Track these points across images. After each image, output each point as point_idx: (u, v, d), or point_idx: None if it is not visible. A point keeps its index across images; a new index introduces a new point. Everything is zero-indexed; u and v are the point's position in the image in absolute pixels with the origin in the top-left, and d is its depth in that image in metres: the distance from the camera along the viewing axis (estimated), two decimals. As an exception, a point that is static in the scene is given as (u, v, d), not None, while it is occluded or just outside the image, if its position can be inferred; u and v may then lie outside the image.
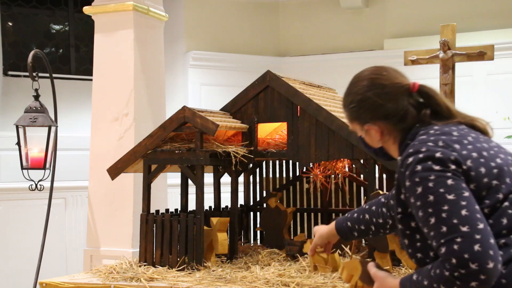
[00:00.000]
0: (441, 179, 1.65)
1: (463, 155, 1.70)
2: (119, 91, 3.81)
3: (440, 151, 1.69)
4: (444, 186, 1.64)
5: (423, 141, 1.74)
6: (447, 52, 5.13)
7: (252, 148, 3.13)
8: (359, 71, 1.98)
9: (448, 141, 1.73)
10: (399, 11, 7.42)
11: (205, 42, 7.44)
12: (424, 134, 1.80)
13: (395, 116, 1.88)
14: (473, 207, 1.62)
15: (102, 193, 3.81)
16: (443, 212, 1.62)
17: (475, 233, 1.56)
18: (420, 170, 1.67)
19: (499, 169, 1.73)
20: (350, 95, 1.95)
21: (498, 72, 6.80)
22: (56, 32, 7.35)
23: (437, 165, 1.66)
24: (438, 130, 1.79)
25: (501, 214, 1.67)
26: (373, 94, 1.89)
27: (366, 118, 1.92)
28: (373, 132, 1.93)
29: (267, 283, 2.57)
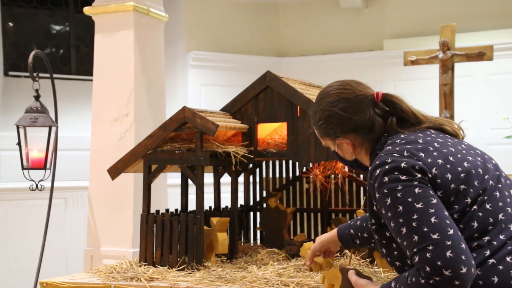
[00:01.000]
0: (409, 189, 1.67)
1: (428, 163, 1.71)
2: (119, 91, 3.82)
3: (405, 161, 1.71)
4: (412, 195, 1.65)
5: (388, 152, 1.76)
6: (447, 53, 5.14)
7: (252, 148, 3.14)
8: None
9: (413, 150, 1.74)
10: (398, 11, 7.43)
11: (205, 43, 7.45)
12: (390, 144, 1.82)
13: (363, 127, 1.91)
14: (442, 214, 1.63)
15: (102, 193, 3.82)
16: (413, 221, 1.63)
17: (446, 240, 1.57)
18: (387, 181, 1.69)
19: (466, 173, 1.74)
20: (317, 112, 1.99)
21: (498, 73, 6.81)
22: (56, 32, 7.36)
23: (403, 175, 1.68)
24: (404, 139, 1.81)
25: (471, 218, 1.69)
26: (339, 109, 1.93)
27: (336, 133, 1.96)
28: (345, 146, 1.97)
29: (267, 283, 2.58)
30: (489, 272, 1.64)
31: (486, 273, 1.64)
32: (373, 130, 1.91)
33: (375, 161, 1.77)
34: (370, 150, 1.93)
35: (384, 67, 7.27)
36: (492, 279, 1.63)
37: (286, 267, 2.83)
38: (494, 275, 1.63)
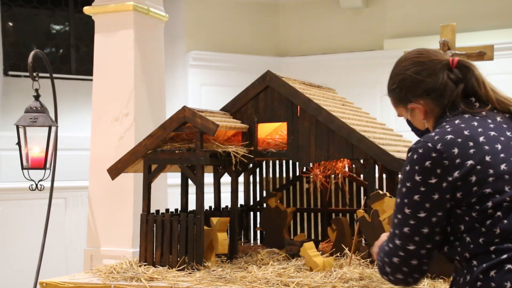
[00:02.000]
0: (412, 191, 1.76)
1: (453, 165, 1.73)
2: (119, 91, 3.81)
3: (431, 159, 1.74)
4: (409, 198, 1.77)
5: (427, 139, 1.78)
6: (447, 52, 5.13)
7: (252, 148, 3.14)
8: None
9: (448, 144, 1.75)
10: (399, 11, 7.43)
11: (205, 42, 7.45)
12: (439, 128, 1.84)
13: (435, 91, 1.91)
14: (418, 230, 1.76)
15: (102, 193, 3.81)
16: (396, 218, 1.81)
17: (401, 250, 1.78)
18: (407, 171, 1.78)
19: (498, 177, 1.72)
20: (392, 78, 2.00)
21: (498, 72, 6.80)
22: (56, 32, 7.36)
23: (420, 174, 1.75)
24: (453, 126, 1.81)
25: (494, 224, 1.69)
26: (412, 72, 1.93)
27: (409, 97, 1.95)
28: (416, 112, 1.96)
29: (267, 283, 2.58)
30: (504, 277, 1.63)
31: (500, 278, 1.64)
32: (444, 95, 1.90)
33: (415, 143, 1.82)
34: (434, 123, 1.93)
35: (384, 67, 7.22)
36: (505, 283, 1.63)
37: (286, 267, 2.83)
38: (508, 280, 1.62)
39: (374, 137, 2.93)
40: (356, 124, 3.02)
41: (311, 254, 2.81)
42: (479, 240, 1.70)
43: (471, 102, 1.89)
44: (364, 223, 2.77)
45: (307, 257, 2.82)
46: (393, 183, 3.06)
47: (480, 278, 1.67)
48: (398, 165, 2.80)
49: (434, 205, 1.74)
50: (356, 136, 2.89)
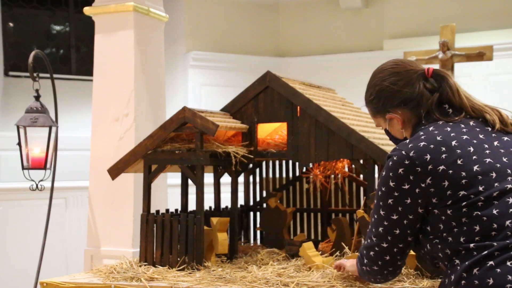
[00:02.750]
0: (386, 195, 1.88)
1: (425, 172, 1.80)
2: (120, 92, 3.82)
3: (405, 165, 1.82)
4: (384, 201, 1.89)
5: (401, 147, 1.86)
6: (447, 53, 5.14)
7: (252, 148, 3.14)
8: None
9: (421, 151, 1.82)
10: (398, 11, 7.44)
11: (205, 43, 7.45)
12: (414, 136, 1.90)
13: (412, 100, 1.95)
14: (391, 230, 1.89)
15: (102, 193, 3.82)
16: (373, 217, 1.95)
17: (376, 246, 1.95)
18: (383, 175, 1.90)
19: (471, 178, 1.77)
20: (369, 89, 2.06)
21: (497, 73, 6.82)
22: (56, 32, 7.36)
23: (394, 180, 1.85)
24: (426, 134, 1.87)
25: (473, 222, 1.74)
26: (389, 82, 1.98)
27: (386, 107, 2.00)
28: (395, 122, 2.02)
29: (267, 283, 2.58)
30: (486, 273, 1.66)
31: (483, 274, 1.67)
32: (421, 104, 1.95)
33: (392, 150, 1.90)
34: (412, 131, 1.99)
35: (384, 67, 7.27)
36: (487, 280, 1.65)
37: (286, 267, 2.83)
38: (491, 277, 1.65)
39: (374, 137, 2.93)
40: (356, 124, 3.02)
41: (311, 254, 2.82)
42: (460, 239, 1.74)
43: (445, 110, 1.94)
44: (363, 223, 2.77)
45: (306, 257, 2.83)
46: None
47: (463, 277, 1.70)
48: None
49: (406, 209, 1.84)
50: (356, 136, 2.89)
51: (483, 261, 1.68)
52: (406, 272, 2.65)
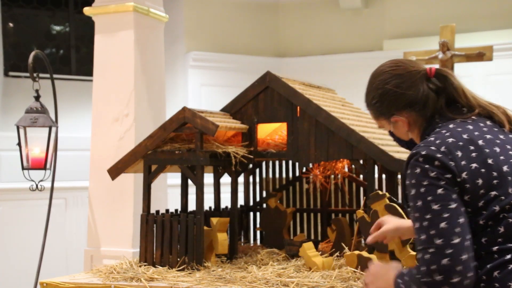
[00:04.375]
0: (432, 187, 1.69)
1: (460, 166, 1.71)
2: (120, 92, 3.82)
3: (438, 158, 1.71)
4: (433, 195, 1.69)
5: (427, 144, 1.76)
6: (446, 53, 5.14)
7: (252, 148, 3.14)
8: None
9: (451, 147, 1.73)
10: (398, 11, 7.44)
11: (205, 43, 7.45)
12: (437, 133, 1.81)
13: (417, 103, 1.90)
14: (455, 221, 1.66)
15: (102, 194, 3.82)
16: (425, 220, 1.68)
17: (447, 248, 1.63)
18: (417, 173, 1.72)
19: (502, 179, 1.72)
20: (370, 92, 1.98)
21: (497, 73, 6.82)
22: (56, 33, 7.37)
23: (433, 171, 1.70)
24: (450, 130, 1.79)
25: (498, 223, 1.69)
26: (392, 86, 1.92)
27: (391, 111, 1.94)
28: (400, 124, 1.95)
29: (267, 283, 2.58)
30: (507, 277, 1.64)
31: (504, 278, 1.64)
32: (427, 106, 1.90)
33: (414, 149, 1.79)
34: (421, 132, 1.92)
35: (384, 68, 7.27)
36: (509, 284, 1.63)
37: (286, 267, 2.84)
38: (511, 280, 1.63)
39: (373, 138, 2.94)
40: (355, 124, 3.02)
41: (311, 254, 2.82)
42: (482, 240, 1.70)
43: (458, 108, 1.90)
44: (363, 223, 2.77)
45: (306, 258, 2.83)
46: (392, 183, 3.07)
47: (483, 279, 1.67)
48: (398, 165, 2.81)
49: (457, 197, 1.70)
50: (355, 136, 2.90)
51: (504, 264, 1.65)
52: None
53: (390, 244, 2.69)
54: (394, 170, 2.89)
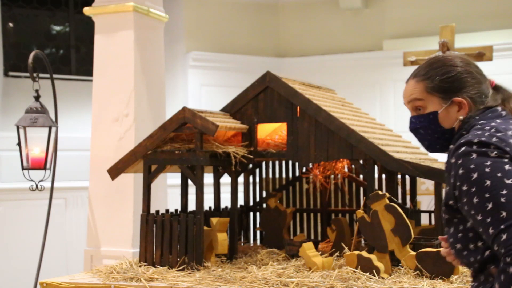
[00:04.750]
0: (498, 164, 1.61)
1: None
2: (120, 92, 3.82)
3: (493, 143, 1.65)
4: (502, 171, 1.60)
5: (477, 135, 1.69)
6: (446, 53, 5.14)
7: (252, 148, 3.15)
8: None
9: (503, 137, 1.68)
10: (398, 11, 7.44)
11: (205, 43, 7.45)
12: (480, 129, 1.74)
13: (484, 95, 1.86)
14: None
15: (102, 194, 3.82)
16: (502, 196, 1.57)
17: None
18: (475, 158, 1.64)
19: None
20: (443, 67, 1.88)
21: (497, 73, 6.79)
22: (56, 33, 7.36)
23: (494, 151, 1.63)
24: (495, 127, 1.73)
25: None
26: (475, 71, 1.89)
27: (461, 90, 1.86)
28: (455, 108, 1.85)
29: (267, 283, 2.58)
30: None
31: None
32: (484, 102, 1.86)
33: (461, 139, 1.71)
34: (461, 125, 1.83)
35: (384, 68, 7.28)
36: None
37: (286, 267, 2.84)
38: None
39: (373, 138, 2.94)
40: (355, 124, 3.02)
41: (310, 254, 2.82)
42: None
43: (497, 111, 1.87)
44: (363, 223, 2.78)
45: (306, 258, 2.83)
46: (392, 183, 3.07)
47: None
48: (397, 165, 2.81)
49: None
50: (355, 136, 2.90)
51: None
52: (406, 272, 2.66)
53: (390, 244, 2.69)
54: (394, 170, 2.89)
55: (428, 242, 2.73)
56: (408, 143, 3.35)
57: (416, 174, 2.82)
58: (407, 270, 2.65)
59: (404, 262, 2.68)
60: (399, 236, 2.66)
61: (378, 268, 2.62)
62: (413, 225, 2.89)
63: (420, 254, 2.62)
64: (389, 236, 2.68)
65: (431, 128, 1.89)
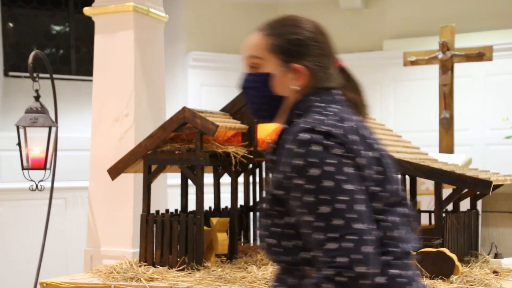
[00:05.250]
0: (344, 165, 1.45)
1: (359, 152, 1.50)
2: (119, 92, 3.82)
3: (342, 134, 1.48)
4: (346, 174, 1.44)
5: (320, 122, 1.50)
6: (446, 53, 5.14)
7: (252, 148, 3.15)
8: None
9: (348, 129, 1.51)
10: (398, 11, 7.44)
11: (205, 43, 7.45)
12: (320, 113, 1.55)
13: (327, 73, 1.64)
14: (368, 205, 1.47)
15: (102, 194, 3.82)
16: (342, 202, 1.42)
17: (369, 234, 1.42)
18: (320, 151, 1.45)
19: (384, 175, 1.56)
20: (294, 27, 1.66)
21: (497, 73, 6.82)
22: (56, 33, 7.36)
23: (341, 147, 1.46)
24: (338, 114, 1.55)
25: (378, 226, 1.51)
26: (325, 42, 1.69)
27: (303, 57, 1.62)
28: (289, 76, 1.62)
29: (267, 283, 2.58)
30: (395, 284, 1.49)
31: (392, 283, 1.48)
32: (330, 79, 1.64)
33: (301, 124, 1.51)
34: (297, 102, 1.61)
35: (384, 68, 7.28)
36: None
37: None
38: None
39: (373, 138, 2.93)
40: (355, 124, 3.02)
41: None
42: None
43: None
44: (363, 223, 2.77)
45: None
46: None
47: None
48: (398, 165, 2.80)
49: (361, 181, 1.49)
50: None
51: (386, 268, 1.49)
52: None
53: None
54: (394, 170, 2.88)
55: (428, 242, 2.73)
56: (408, 143, 3.35)
57: (416, 174, 2.82)
58: (407, 270, 2.65)
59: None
60: (399, 236, 2.65)
61: None
62: (413, 225, 2.89)
63: (420, 254, 2.62)
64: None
65: (262, 90, 1.64)
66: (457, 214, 2.94)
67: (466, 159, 4.24)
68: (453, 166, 3.07)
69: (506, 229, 3.66)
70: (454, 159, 3.99)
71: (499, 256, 3.04)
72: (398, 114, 7.16)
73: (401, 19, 7.41)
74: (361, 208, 1.43)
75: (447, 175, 2.73)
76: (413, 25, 7.30)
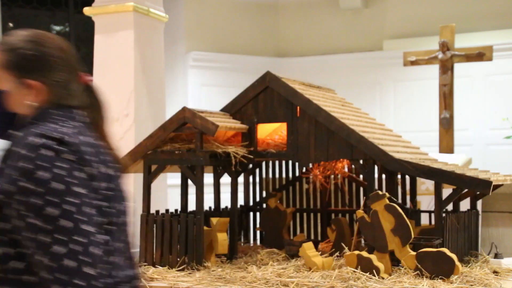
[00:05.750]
0: (73, 170, 1.47)
1: (90, 162, 1.54)
2: (119, 92, 3.82)
3: (75, 143, 1.51)
4: (76, 178, 1.47)
5: (54, 130, 1.51)
6: (446, 53, 5.15)
7: (252, 148, 3.14)
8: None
9: (82, 141, 1.56)
10: (398, 12, 7.44)
11: (205, 43, 7.46)
12: (55, 123, 1.57)
13: (67, 89, 1.67)
14: (97, 210, 1.53)
15: (102, 194, 3.82)
16: (70, 204, 1.44)
17: (97, 237, 1.47)
18: (51, 156, 1.45)
19: (114, 192, 1.65)
20: (32, 42, 1.65)
21: (497, 73, 6.82)
22: (56, 33, 7.37)
23: (71, 155, 1.48)
24: (76, 127, 1.61)
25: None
26: (68, 58, 1.71)
27: (40, 73, 1.62)
28: (29, 92, 1.61)
29: (267, 283, 2.58)
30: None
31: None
32: (74, 96, 1.68)
33: (33, 129, 1.50)
34: (34, 115, 1.60)
35: (384, 68, 7.28)
36: None
37: (286, 267, 2.84)
38: None
39: (373, 138, 2.94)
40: (355, 124, 3.02)
41: (310, 254, 2.82)
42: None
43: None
44: (363, 223, 2.78)
45: (306, 258, 2.83)
46: (392, 183, 3.07)
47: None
48: (397, 165, 2.81)
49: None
50: (355, 136, 2.90)
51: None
52: (406, 272, 2.65)
53: (390, 244, 2.69)
54: (394, 170, 2.89)
55: (428, 242, 2.73)
56: (408, 143, 3.35)
57: (416, 174, 2.82)
58: (407, 270, 2.65)
59: (404, 262, 2.67)
60: (399, 236, 2.66)
61: (378, 268, 2.62)
62: (413, 225, 2.89)
63: (420, 254, 2.62)
64: (389, 236, 2.68)
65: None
66: (457, 214, 2.94)
67: (466, 159, 4.24)
68: (453, 166, 3.07)
69: (506, 229, 3.66)
70: (454, 159, 3.99)
71: (499, 256, 3.04)
72: (398, 114, 7.16)
73: (401, 19, 7.41)
74: (91, 211, 1.46)
75: (447, 175, 2.73)
76: (413, 25, 7.30)
